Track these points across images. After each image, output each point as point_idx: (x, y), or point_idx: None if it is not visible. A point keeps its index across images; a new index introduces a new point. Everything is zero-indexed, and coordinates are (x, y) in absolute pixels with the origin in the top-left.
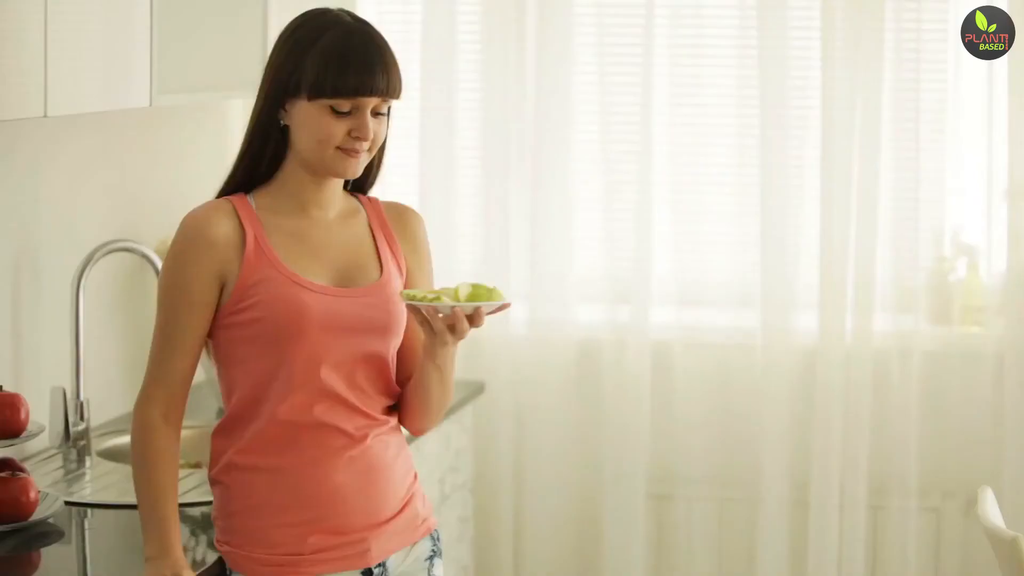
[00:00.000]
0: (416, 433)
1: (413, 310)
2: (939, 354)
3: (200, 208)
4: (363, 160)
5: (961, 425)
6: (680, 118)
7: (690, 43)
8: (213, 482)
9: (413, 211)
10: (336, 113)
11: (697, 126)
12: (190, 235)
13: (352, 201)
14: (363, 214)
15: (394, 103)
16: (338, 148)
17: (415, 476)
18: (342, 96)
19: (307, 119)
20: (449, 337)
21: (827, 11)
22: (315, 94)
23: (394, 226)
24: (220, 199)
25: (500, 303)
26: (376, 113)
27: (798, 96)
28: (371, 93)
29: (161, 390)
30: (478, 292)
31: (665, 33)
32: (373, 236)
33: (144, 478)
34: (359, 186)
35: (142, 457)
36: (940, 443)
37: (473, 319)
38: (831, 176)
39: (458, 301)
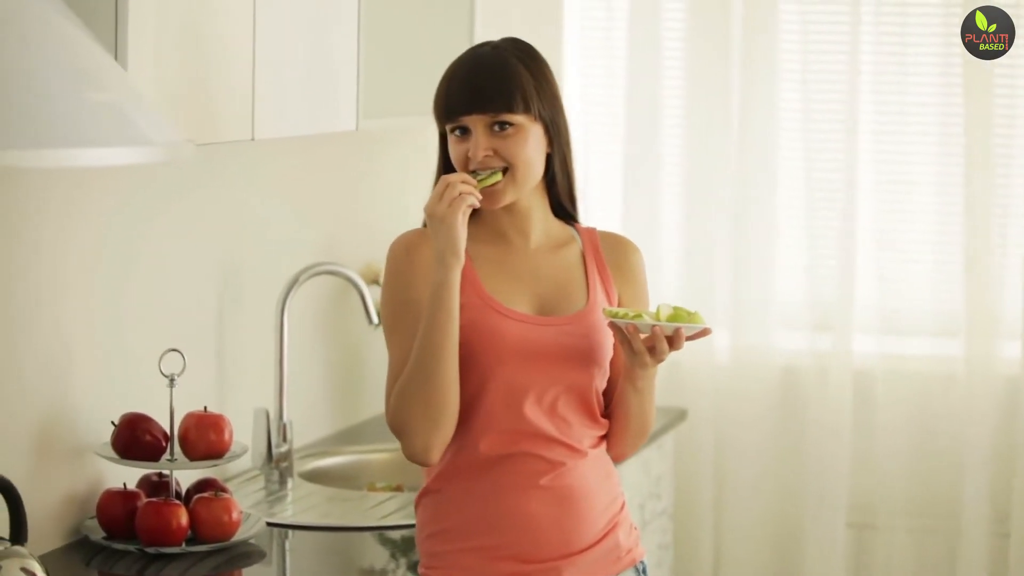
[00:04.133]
0: (615, 459)
1: (614, 328)
2: None
3: (405, 233)
4: (502, 183)
5: None
6: (884, 144)
7: (894, 69)
8: (416, 506)
9: (630, 242)
10: (457, 138)
11: (901, 152)
12: (399, 256)
13: (567, 230)
14: (577, 244)
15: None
16: (472, 172)
17: (622, 505)
18: (447, 120)
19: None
20: (648, 359)
21: None
22: (439, 123)
23: (608, 256)
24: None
25: (700, 327)
26: (499, 126)
27: (1003, 124)
28: (465, 112)
29: None
30: (679, 314)
31: (869, 60)
32: (584, 266)
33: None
34: (568, 214)
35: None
36: None
37: (673, 341)
38: None
39: (659, 321)
